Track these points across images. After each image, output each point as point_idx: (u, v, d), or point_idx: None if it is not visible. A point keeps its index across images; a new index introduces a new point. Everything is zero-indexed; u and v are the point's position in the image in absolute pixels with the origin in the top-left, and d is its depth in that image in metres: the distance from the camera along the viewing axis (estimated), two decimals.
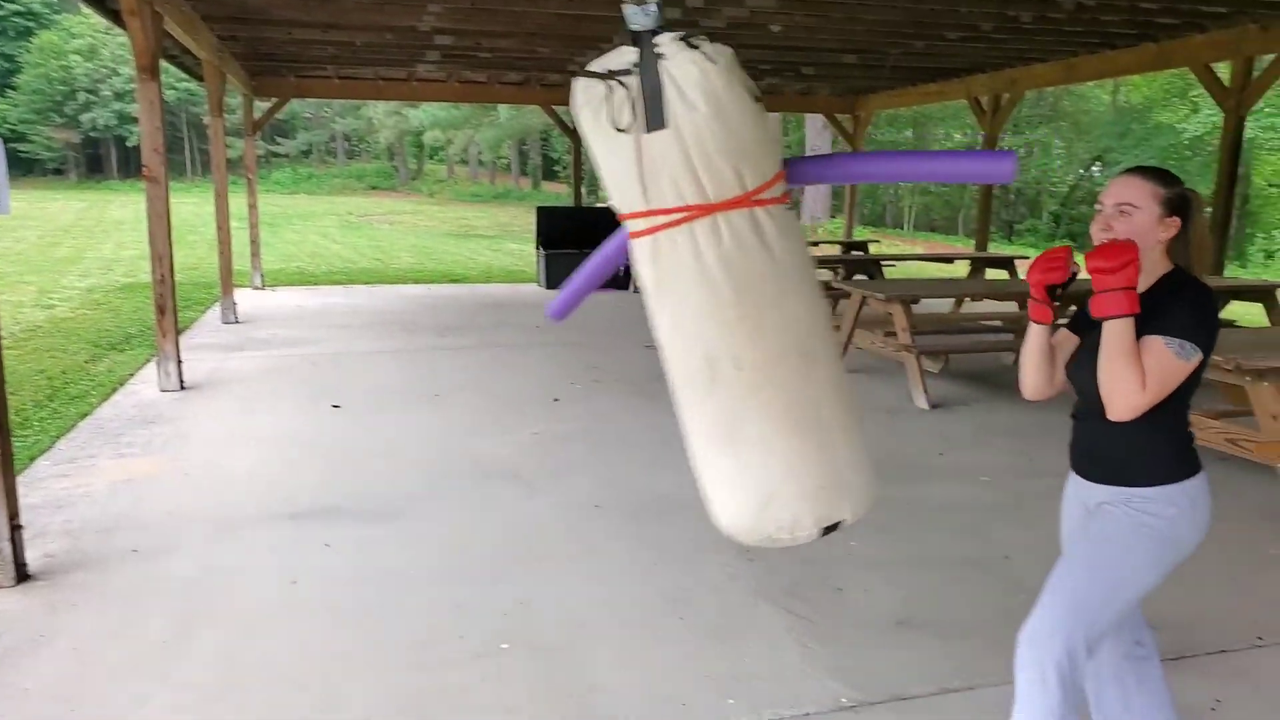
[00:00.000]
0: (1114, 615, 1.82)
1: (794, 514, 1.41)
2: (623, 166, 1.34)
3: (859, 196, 14.11)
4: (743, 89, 1.32)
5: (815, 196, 24.95)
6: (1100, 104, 28.27)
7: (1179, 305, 1.74)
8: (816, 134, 24.41)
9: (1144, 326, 1.72)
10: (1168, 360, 1.70)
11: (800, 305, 1.38)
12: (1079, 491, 1.98)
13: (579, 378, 6.48)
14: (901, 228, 30.48)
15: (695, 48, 1.30)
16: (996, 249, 19.18)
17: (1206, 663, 2.77)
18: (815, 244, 14.74)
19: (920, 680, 2.61)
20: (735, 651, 2.75)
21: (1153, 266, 1.81)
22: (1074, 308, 2.11)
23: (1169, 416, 1.79)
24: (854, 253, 11.52)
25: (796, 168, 1.49)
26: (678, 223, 1.34)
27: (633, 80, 1.31)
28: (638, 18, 1.33)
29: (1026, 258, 13.61)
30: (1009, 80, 9.37)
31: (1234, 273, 16.74)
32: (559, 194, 33.39)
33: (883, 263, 10.17)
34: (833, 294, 9.09)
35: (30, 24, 43.19)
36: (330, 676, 2.56)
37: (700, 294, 1.35)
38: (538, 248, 11.73)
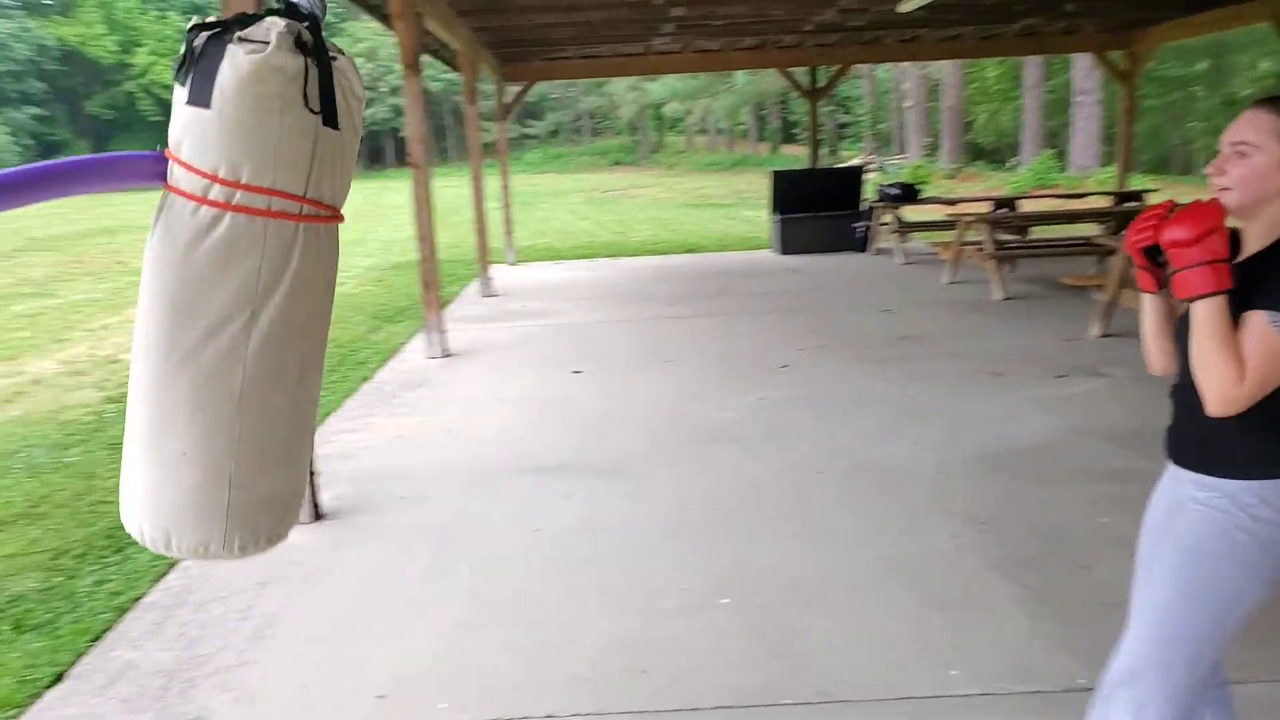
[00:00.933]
0: (1222, 643, 1.56)
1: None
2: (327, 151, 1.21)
3: (1137, 140, 12.52)
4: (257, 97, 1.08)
5: (1085, 144, 22.66)
6: None
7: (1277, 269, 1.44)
8: (1084, 75, 22.12)
9: (1248, 298, 1.43)
10: (1273, 341, 1.39)
11: (157, 311, 1.12)
12: (1169, 482, 1.70)
13: (806, 343, 6.42)
14: (1192, 174, 26.93)
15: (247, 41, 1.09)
16: None
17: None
18: (1081, 196, 13.43)
19: None
20: (961, 622, 2.65)
21: (1270, 225, 1.49)
22: None
23: (1273, 399, 1.47)
24: (1127, 204, 10.38)
25: None
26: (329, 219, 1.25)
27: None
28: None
29: None
30: None
31: None
32: (798, 157, 32.81)
33: None
34: (1097, 250, 8.31)
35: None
36: (563, 616, 2.78)
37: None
38: (772, 213, 11.65)
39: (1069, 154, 23.59)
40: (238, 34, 1.11)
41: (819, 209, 11.34)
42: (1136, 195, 10.90)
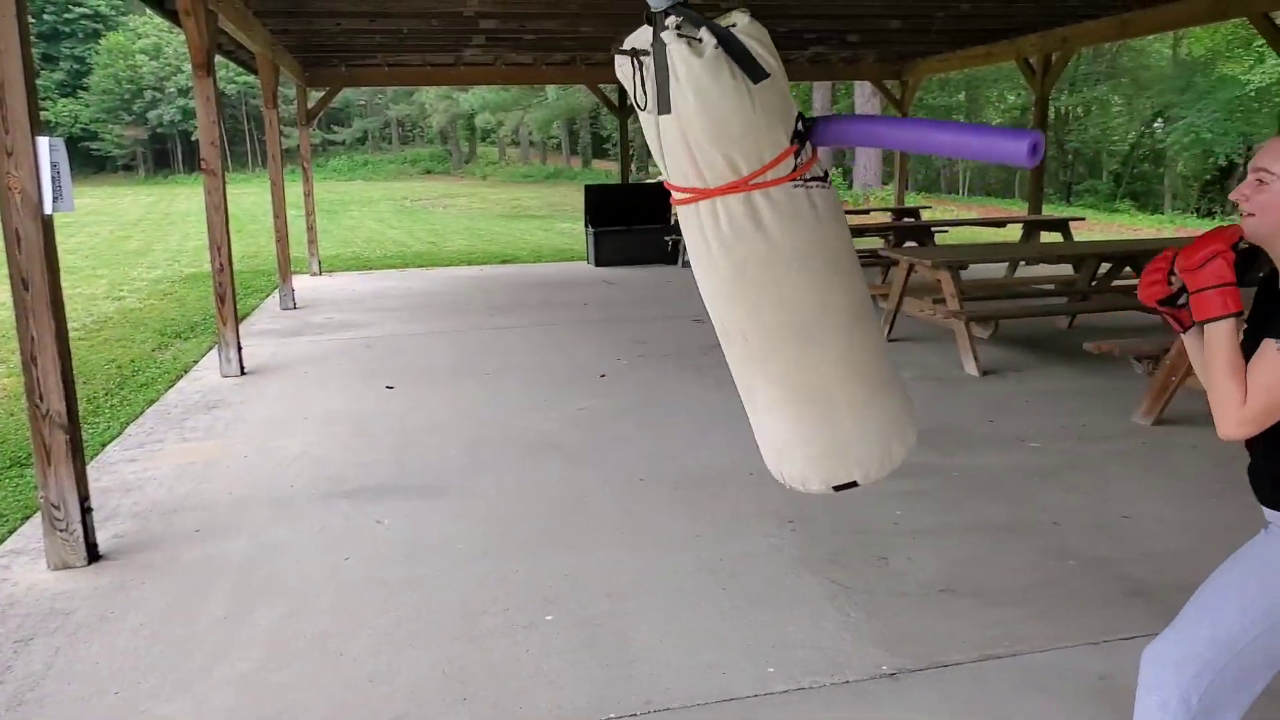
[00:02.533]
0: (1266, 658, 1.56)
1: (801, 471, 1.53)
2: (652, 141, 1.40)
3: (910, 163, 13.80)
4: (729, 79, 1.30)
5: (867, 164, 24.52)
6: (1161, 58, 27.12)
7: None
8: (865, 101, 23.95)
9: (1266, 326, 1.46)
10: (1277, 367, 1.41)
11: (802, 287, 1.40)
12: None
13: (625, 353, 6.52)
14: (957, 193, 29.79)
15: (687, 38, 1.29)
16: (1054, 211, 18.66)
17: None
18: (866, 211, 14.55)
19: (962, 647, 2.60)
20: (777, 620, 2.77)
21: None
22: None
23: None
24: (905, 220, 11.32)
25: (827, 130, 1.47)
26: (686, 201, 1.37)
27: (649, 61, 1.33)
28: None
29: (1082, 219, 13.21)
30: (1060, 39, 9.07)
31: None
32: (609, 172, 33.40)
33: (934, 228, 9.98)
34: (881, 262, 8.99)
35: (98, 26, 44.59)
36: (380, 649, 2.65)
37: (705, 270, 1.42)
38: (586, 226, 11.78)
39: (854, 173, 25.41)
40: (680, 30, 1.30)
41: (631, 222, 11.60)
42: (913, 211, 11.91)
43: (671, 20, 1.32)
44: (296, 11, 7.31)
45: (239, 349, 6.07)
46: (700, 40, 1.29)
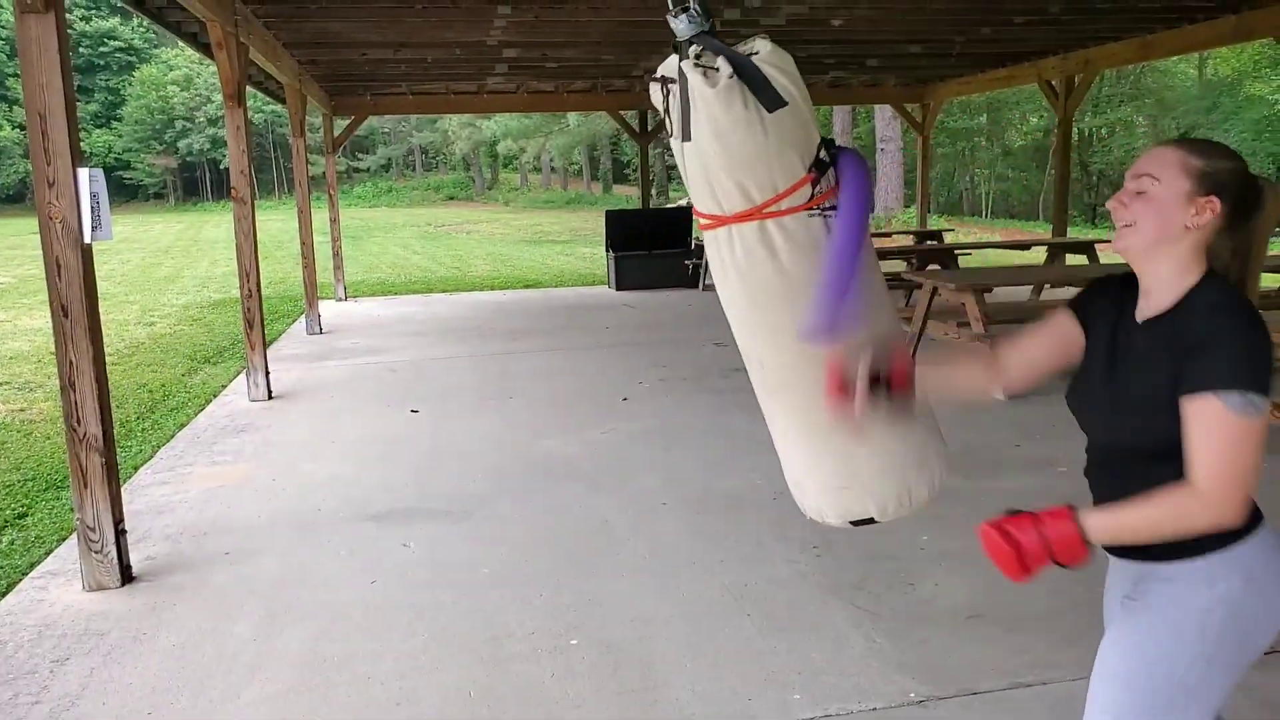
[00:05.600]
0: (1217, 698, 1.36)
1: (817, 504, 1.52)
2: (680, 167, 1.44)
3: (933, 186, 13.82)
4: (742, 108, 1.32)
5: (888, 187, 24.52)
6: (1186, 79, 27.00)
7: (1224, 338, 1.26)
8: (885, 124, 24.01)
9: (1183, 375, 1.26)
10: (1231, 425, 1.22)
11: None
12: (1113, 570, 1.54)
13: (647, 376, 6.54)
14: (980, 215, 29.68)
15: (704, 68, 1.32)
16: (1079, 233, 18.53)
17: None
18: (888, 234, 14.52)
19: (991, 674, 2.57)
20: (801, 646, 2.76)
21: (1179, 269, 1.33)
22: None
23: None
24: (928, 242, 11.30)
25: (846, 160, 1.47)
26: (708, 227, 1.40)
27: (675, 89, 1.36)
28: (676, 25, 1.36)
29: (1108, 241, 13.11)
30: (1082, 61, 9.06)
31: None
32: (629, 197, 33.60)
33: (957, 251, 9.95)
34: (904, 285, 8.98)
35: (132, 59, 45.80)
36: (406, 672, 2.67)
37: (726, 296, 1.44)
38: (607, 250, 11.86)
39: (875, 196, 25.42)
40: (698, 61, 1.34)
41: (651, 247, 11.67)
42: (936, 234, 11.89)
43: (694, 49, 1.35)
44: (324, 42, 7.47)
45: (267, 374, 6.15)
46: (717, 69, 1.32)
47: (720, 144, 1.33)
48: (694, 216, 1.49)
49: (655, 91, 1.41)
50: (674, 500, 4.04)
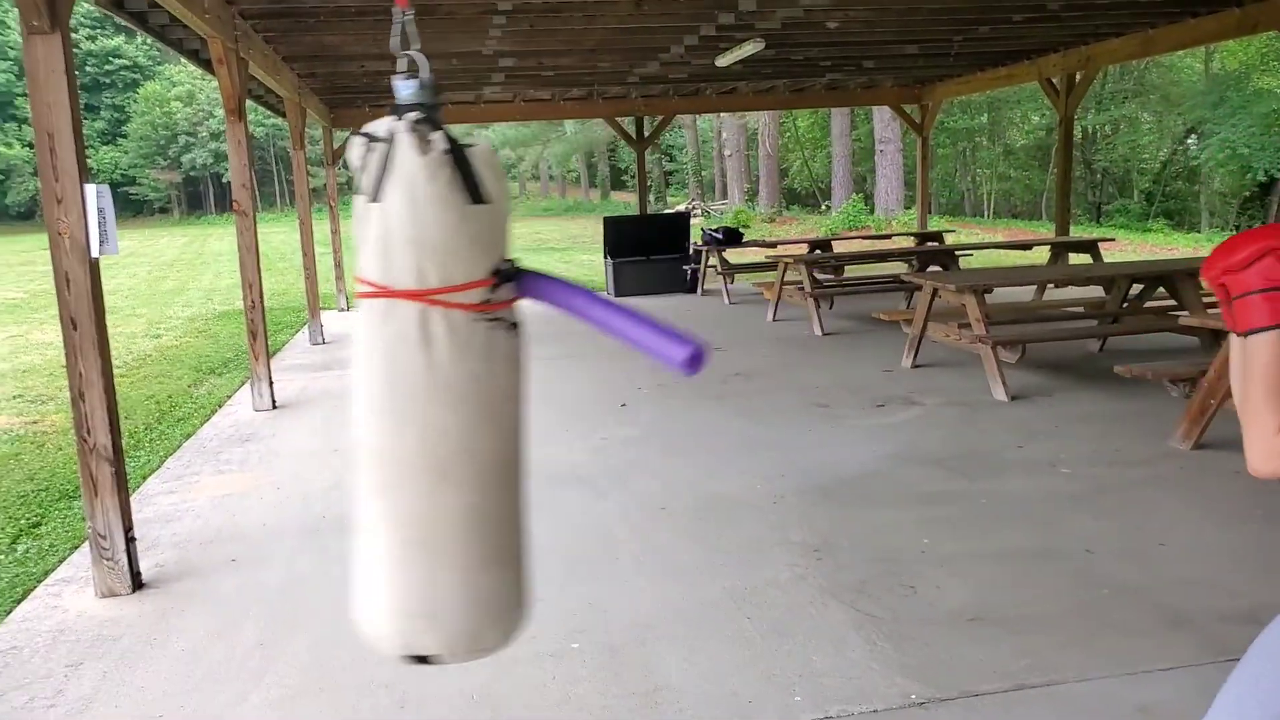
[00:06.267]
0: None
1: (378, 627, 1.34)
2: (356, 226, 1.35)
3: (933, 187, 13.82)
4: (444, 187, 1.27)
5: (888, 189, 24.52)
6: (1192, 73, 26.93)
7: None
8: (884, 126, 24.01)
9: None
10: None
11: (451, 421, 1.30)
12: None
13: (645, 382, 6.56)
14: (982, 215, 29.67)
15: (419, 135, 1.29)
16: (1084, 232, 18.49)
17: None
18: (888, 236, 14.52)
19: (993, 677, 2.58)
20: (802, 649, 2.77)
21: None
22: None
23: None
24: (928, 244, 11.32)
25: (532, 283, 1.42)
26: (367, 295, 1.32)
27: (379, 147, 1.31)
28: (400, 89, 1.35)
29: (1113, 240, 13.06)
30: (1083, 58, 9.08)
31: None
32: (627, 203, 33.68)
33: (959, 252, 9.96)
34: (904, 287, 9.00)
35: (136, 76, 46.14)
36: (410, 676, 2.69)
37: (366, 372, 1.33)
38: (605, 257, 11.90)
39: (875, 198, 25.42)
40: (417, 128, 1.30)
41: (650, 253, 11.72)
42: (937, 235, 11.91)
43: (411, 116, 1.32)
44: (322, 55, 7.53)
45: (270, 384, 6.19)
46: (430, 141, 1.30)
47: (412, 213, 1.27)
48: (356, 281, 1.35)
49: (356, 147, 1.34)
50: (674, 505, 4.07)
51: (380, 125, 1.35)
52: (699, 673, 2.66)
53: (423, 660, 1.35)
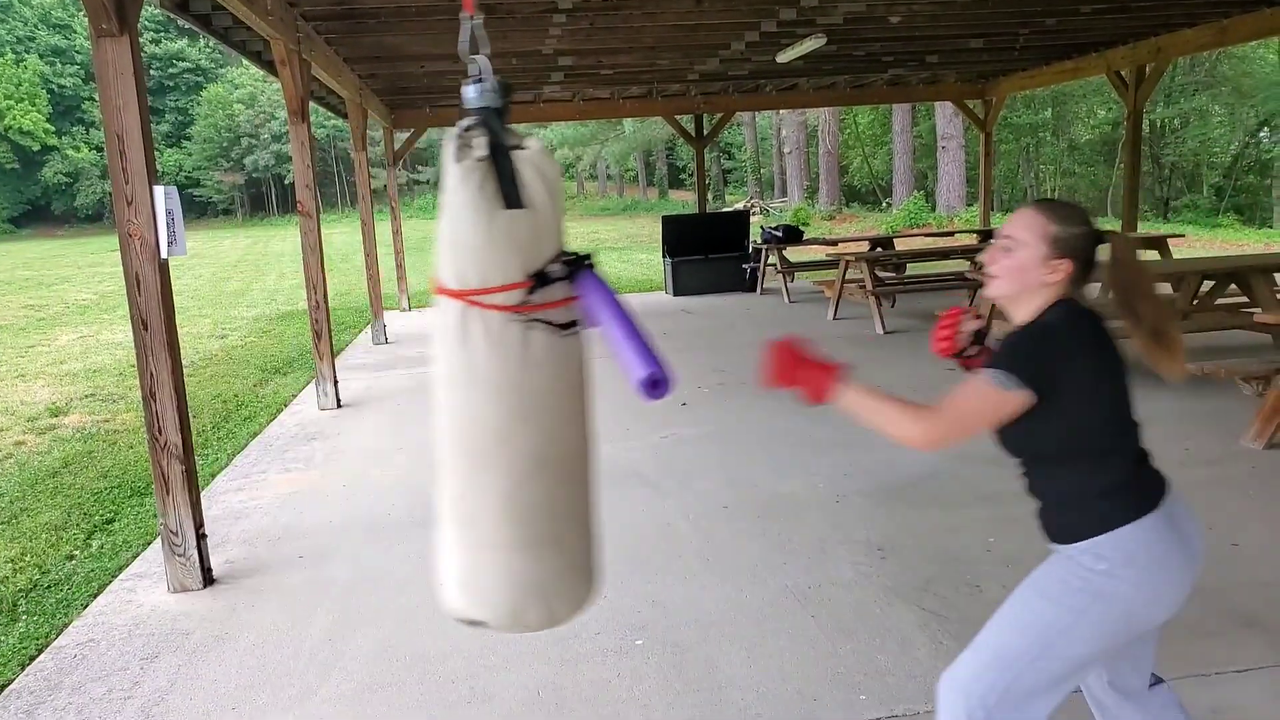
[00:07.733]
0: (1045, 678, 1.61)
1: (444, 589, 1.49)
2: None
3: (996, 183, 13.50)
4: (476, 192, 1.31)
5: (950, 186, 24.07)
6: (1266, 64, 25.88)
7: (1011, 337, 1.61)
8: (946, 121, 23.59)
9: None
10: (979, 387, 1.57)
11: (488, 414, 1.37)
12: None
13: (706, 381, 6.54)
14: None
15: (464, 142, 1.33)
16: (1151, 228, 17.92)
17: None
18: (950, 234, 14.26)
19: None
20: (867, 648, 2.73)
21: (1035, 309, 1.65)
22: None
23: (1086, 462, 1.64)
24: (991, 241, 11.07)
25: (584, 284, 1.46)
26: (435, 290, 1.40)
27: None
28: (465, 93, 1.37)
29: (1182, 236, 12.61)
30: (1153, 49, 8.79)
31: None
32: (685, 201, 33.62)
33: None
34: (968, 285, 8.83)
35: (199, 79, 47.59)
36: (476, 671, 2.72)
37: (435, 358, 1.42)
38: (664, 256, 11.88)
39: (937, 195, 24.96)
40: (461, 136, 1.34)
41: (708, 251, 11.65)
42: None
43: (463, 123, 1.35)
44: (383, 56, 7.65)
45: (335, 383, 6.32)
46: (469, 148, 1.32)
47: (449, 218, 1.33)
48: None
49: (449, 140, 1.39)
50: (736, 503, 4.04)
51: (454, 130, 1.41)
52: (763, 671, 2.64)
53: (477, 623, 1.46)
